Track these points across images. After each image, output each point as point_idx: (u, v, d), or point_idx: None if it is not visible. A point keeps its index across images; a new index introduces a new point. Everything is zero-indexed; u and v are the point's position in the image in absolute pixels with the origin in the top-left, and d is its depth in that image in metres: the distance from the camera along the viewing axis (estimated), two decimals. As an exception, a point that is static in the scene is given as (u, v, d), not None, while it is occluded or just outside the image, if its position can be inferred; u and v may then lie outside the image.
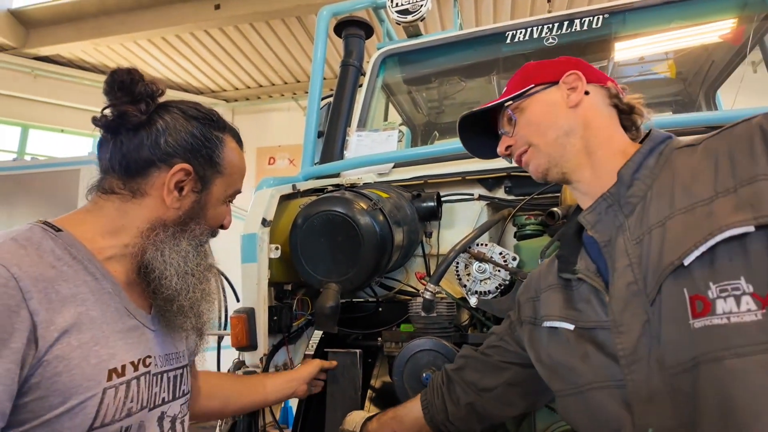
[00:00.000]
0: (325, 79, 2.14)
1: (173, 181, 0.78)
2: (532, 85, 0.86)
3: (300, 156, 1.97)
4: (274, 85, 7.90)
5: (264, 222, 1.23)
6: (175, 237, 0.80)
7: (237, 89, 8.00)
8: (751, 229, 0.58)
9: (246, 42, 6.61)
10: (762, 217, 0.58)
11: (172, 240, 0.79)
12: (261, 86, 7.95)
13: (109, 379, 0.68)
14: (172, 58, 6.85)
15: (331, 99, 2.10)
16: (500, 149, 0.91)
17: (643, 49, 2.07)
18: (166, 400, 0.80)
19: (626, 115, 0.83)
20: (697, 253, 0.62)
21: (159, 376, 0.79)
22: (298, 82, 7.72)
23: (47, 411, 0.62)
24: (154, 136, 0.78)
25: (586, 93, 0.82)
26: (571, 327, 0.78)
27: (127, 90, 0.76)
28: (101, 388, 0.67)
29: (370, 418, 1.08)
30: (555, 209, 1.13)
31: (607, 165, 0.78)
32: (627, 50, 2.04)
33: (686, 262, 0.62)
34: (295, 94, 8.01)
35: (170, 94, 0.89)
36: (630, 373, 0.68)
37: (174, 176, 0.78)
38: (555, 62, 0.88)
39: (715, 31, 1.95)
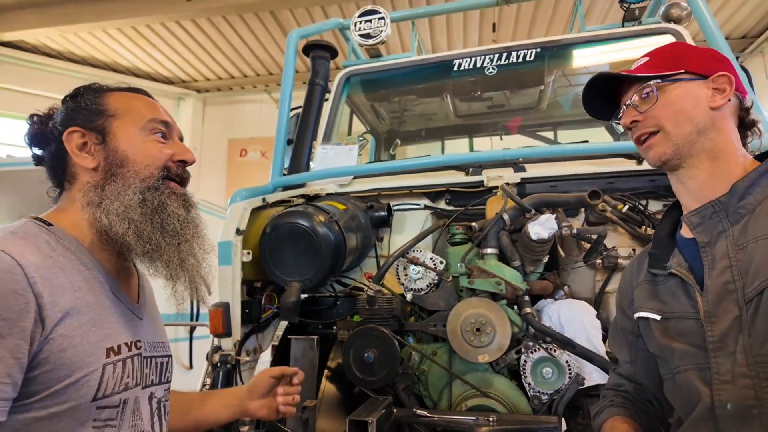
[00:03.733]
0: (297, 72, 2.31)
1: (73, 146, 0.84)
2: (683, 71, 0.84)
3: (272, 148, 2.16)
4: (246, 76, 7.82)
5: (237, 231, 1.47)
6: (112, 190, 0.83)
7: (208, 80, 7.90)
8: None
9: (218, 33, 6.59)
10: None
11: (109, 195, 0.82)
12: (233, 77, 7.87)
13: (108, 356, 0.76)
14: (141, 47, 6.76)
15: (300, 110, 2.32)
16: (625, 120, 0.89)
17: (573, 78, 2.38)
18: (154, 382, 0.89)
19: (743, 130, 0.86)
20: None
21: (148, 359, 0.88)
22: (271, 74, 7.69)
23: (55, 383, 0.70)
24: (52, 134, 0.86)
25: (728, 99, 0.82)
26: (658, 317, 0.86)
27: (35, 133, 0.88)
28: (101, 363, 0.75)
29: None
30: (472, 224, 1.42)
31: (724, 173, 0.81)
32: (559, 78, 2.34)
33: None
34: (267, 86, 7.97)
35: (137, 83, 0.88)
36: (716, 357, 0.76)
37: (70, 143, 0.84)
38: (708, 55, 0.87)
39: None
